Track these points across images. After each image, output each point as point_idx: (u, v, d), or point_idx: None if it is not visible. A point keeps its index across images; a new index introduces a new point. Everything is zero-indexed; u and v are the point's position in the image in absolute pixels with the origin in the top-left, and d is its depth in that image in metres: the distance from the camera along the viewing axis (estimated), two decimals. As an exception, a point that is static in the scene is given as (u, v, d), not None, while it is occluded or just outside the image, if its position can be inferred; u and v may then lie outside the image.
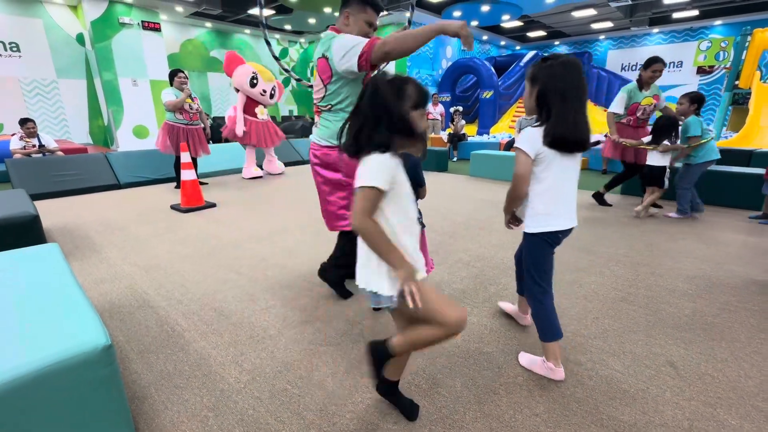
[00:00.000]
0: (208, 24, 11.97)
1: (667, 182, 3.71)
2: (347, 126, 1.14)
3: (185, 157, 4.26)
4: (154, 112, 9.85)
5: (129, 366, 1.61)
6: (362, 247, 1.12)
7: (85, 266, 2.68)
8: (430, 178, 4.60)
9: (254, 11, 10.71)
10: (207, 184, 5.82)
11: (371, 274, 1.11)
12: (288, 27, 12.52)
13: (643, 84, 3.77)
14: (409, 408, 1.31)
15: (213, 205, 4.35)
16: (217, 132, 7.80)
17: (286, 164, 7.42)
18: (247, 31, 13.11)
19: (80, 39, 9.45)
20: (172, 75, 5.02)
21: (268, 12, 10.92)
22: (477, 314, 2.01)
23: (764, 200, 3.80)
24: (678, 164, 3.88)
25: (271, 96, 6.13)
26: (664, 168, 3.63)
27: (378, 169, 1.04)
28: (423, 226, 1.40)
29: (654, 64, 3.66)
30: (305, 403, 1.40)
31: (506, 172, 5.82)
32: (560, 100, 1.30)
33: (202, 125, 5.41)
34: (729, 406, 1.38)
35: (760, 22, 11.92)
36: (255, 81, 5.85)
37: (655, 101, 3.80)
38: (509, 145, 7.03)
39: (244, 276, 2.49)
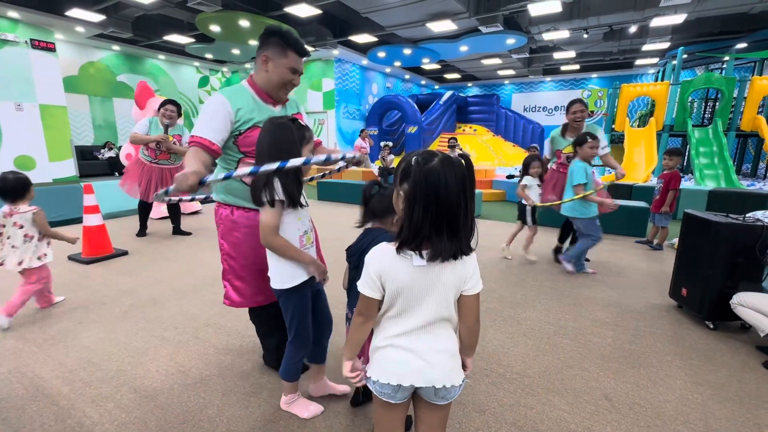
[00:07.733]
0: (116, 47, 10.98)
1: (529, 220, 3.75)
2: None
3: (89, 200, 3.66)
4: (44, 141, 8.56)
5: (19, 485, 1.27)
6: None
7: (-53, 346, 2.12)
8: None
9: (170, 37, 10.12)
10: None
11: None
12: (209, 56, 12.03)
13: (566, 130, 3.52)
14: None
15: (124, 253, 3.81)
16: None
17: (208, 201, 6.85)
18: (162, 56, 12.29)
19: (-56, 54, 7.97)
20: (160, 104, 4.11)
21: (186, 39, 10.40)
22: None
23: (648, 229, 4.52)
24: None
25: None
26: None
27: None
28: None
29: (572, 106, 3.42)
30: (258, 500, 1.23)
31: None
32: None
33: (175, 164, 4.28)
34: (658, 434, 1.53)
35: (627, 78, 14.82)
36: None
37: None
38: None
39: (169, 341, 2.18)
